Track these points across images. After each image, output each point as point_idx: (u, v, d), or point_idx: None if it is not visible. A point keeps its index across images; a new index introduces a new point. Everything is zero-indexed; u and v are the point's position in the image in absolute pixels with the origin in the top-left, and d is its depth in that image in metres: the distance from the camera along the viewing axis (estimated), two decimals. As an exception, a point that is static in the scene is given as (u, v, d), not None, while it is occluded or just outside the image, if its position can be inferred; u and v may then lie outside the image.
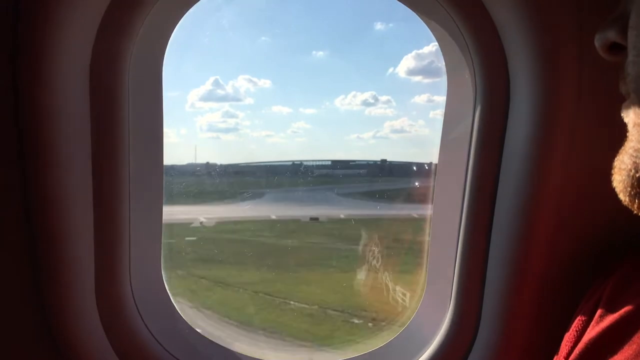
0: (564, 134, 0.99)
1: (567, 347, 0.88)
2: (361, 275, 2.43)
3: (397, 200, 2.46)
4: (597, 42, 0.66)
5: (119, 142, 1.09)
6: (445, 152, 1.29)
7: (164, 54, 1.19)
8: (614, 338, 0.79)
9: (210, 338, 1.31)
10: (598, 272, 0.95)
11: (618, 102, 0.64)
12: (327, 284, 3.10)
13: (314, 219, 3.32)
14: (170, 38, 1.19)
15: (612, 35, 0.63)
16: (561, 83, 0.97)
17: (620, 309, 0.82)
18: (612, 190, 0.63)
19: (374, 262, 2.34)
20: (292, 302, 2.98)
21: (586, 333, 0.85)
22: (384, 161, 2.89)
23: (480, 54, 1.09)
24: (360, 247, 2.53)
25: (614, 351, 0.77)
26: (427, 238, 1.36)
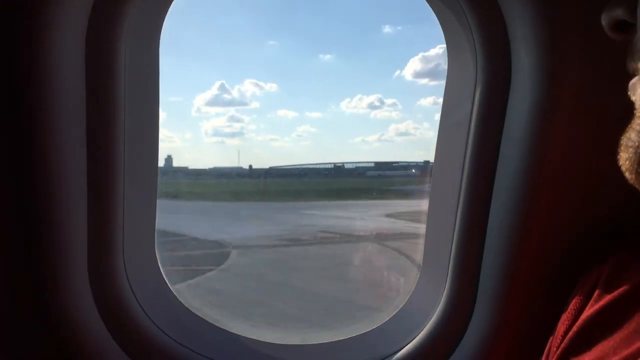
0: (564, 120, 0.98)
1: (564, 326, 0.89)
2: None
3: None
4: (604, 21, 0.65)
5: (114, 122, 1.08)
6: (443, 136, 1.28)
7: (160, 29, 1.17)
8: (611, 317, 0.80)
9: (203, 317, 1.30)
10: (594, 257, 0.95)
11: (625, 82, 0.63)
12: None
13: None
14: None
15: (619, 13, 0.62)
16: (563, 67, 0.96)
17: (618, 288, 0.82)
18: (617, 172, 0.62)
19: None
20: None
21: (583, 312, 0.86)
22: (426, 162, 2.87)
23: (483, 33, 1.08)
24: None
25: (611, 330, 0.78)
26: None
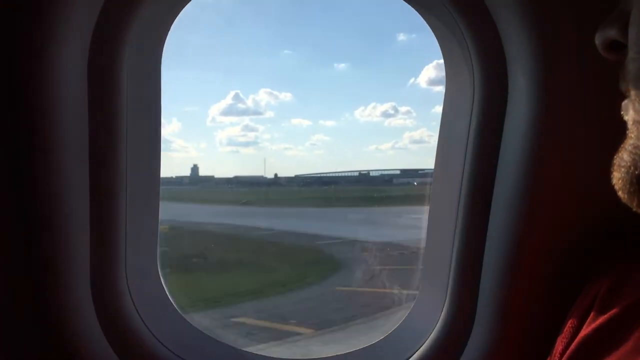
0: (563, 132, 0.99)
1: (560, 345, 0.88)
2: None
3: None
4: (598, 40, 0.66)
5: (116, 134, 1.10)
6: (442, 148, 1.29)
7: (163, 44, 1.20)
8: (608, 337, 0.79)
9: (205, 332, 1.31)
10: (593, 273, 0.95)
11: (618, 101, 0.65)
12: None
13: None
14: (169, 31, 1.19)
15: (612, 33, 0.63)
16: (560, 81, 0.97)
17: (615, 308, 0.82)
18: (610, 189, 0.64)
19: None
20: None
21: (580, 332, 0.85)
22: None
23: (479, 51, 1.09)
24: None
25: (608, 350, 0.77)
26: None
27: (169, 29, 1.19)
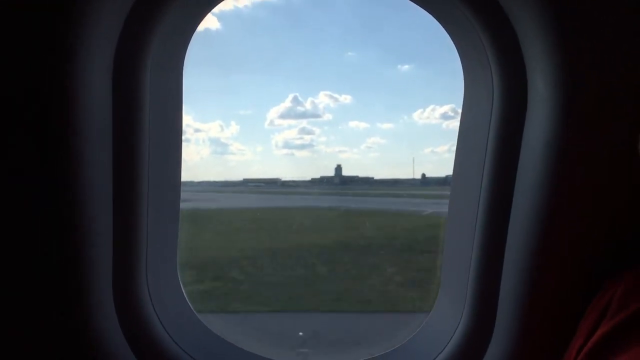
0: (583, 140, 0.98)
1: (577, 343, 0.89)
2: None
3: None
4: None
5: (139, 142, 1.12)
6: (461, 157, 1.29)
7: (184, 55, 1.22)
8: (625, 335, 0.80)
9: (223, 337, 1.33)
10: (608, 278, 0.95)
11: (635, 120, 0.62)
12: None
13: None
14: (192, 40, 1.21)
15: None
16: (580, 90, 0.96)
17: (631, 308, 0.82)
18: (628, 201, 0.62)
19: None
20: None
21: (598, 330, 0.86)
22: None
23: (499, 58, 1.08)
24: None
25: (625, 348, 0.78)
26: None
27: (187, 47, 1.22)
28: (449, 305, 1.29)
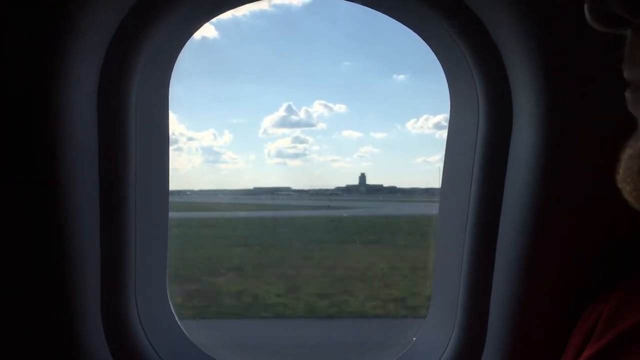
0: (569, 153, 0.98)
1: None
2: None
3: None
4: (591, 13, 0.53)
5: (125, 156, 1.12)
6: (448, 171, 1.29)
7: (171, 70, 1.23)
8: (613, 354, 0.79)
9: (212, 356, 1.32)
10: (597, 293, 0.95)
11: (627, 122, 0.61)
12: None
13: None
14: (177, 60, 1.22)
15: (614, 6, 0.50)
16: (566, 105, 0.96)
17: (621, 325, 0.81)
18: (617, 211, 0.63)
19: None
20: None
21: (585, 351, 0.85)
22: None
23: (483, 75, 1.09)
24: None
25: None
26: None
27: (173, 66, 1.22)
28: (439, 322, 1.28)
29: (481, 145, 1.13)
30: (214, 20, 1.23)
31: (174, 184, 1.32)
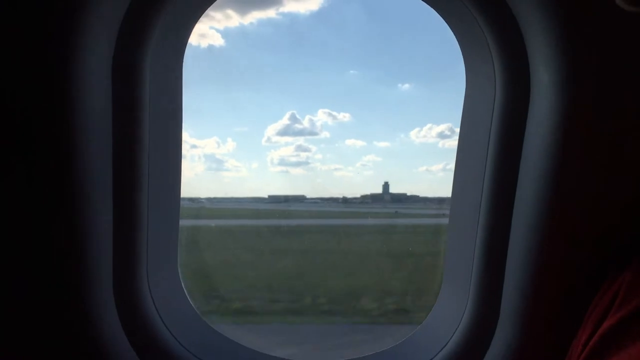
0: (587, 129, 0.97)
1: (585, 335, 0.88)
2: None
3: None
4: None
5: (139, 140, 1.11)
6: (463, 149, 1.28)
7: (183, 53, 1.22)
8: (632, 327, 0.79)
9: (225, 335, 1.32)
10: (613, 270, 0.94)
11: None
12: None
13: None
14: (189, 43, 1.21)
15: None
16: (584, 76, 0.94)
17: (638, 299, 0.81)
18: (629, 192, 0.59)
19: None
20: None
21: (605, 321, 0.85)
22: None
23: (500, 48, 1.07)
24: None
25: (633, 339, 0.77)
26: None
27: (186, 43, 1.21)
28: (452, 299, 1.28)
29: (498, 119, 1.11)
30: (221, 28, 1.23)
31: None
